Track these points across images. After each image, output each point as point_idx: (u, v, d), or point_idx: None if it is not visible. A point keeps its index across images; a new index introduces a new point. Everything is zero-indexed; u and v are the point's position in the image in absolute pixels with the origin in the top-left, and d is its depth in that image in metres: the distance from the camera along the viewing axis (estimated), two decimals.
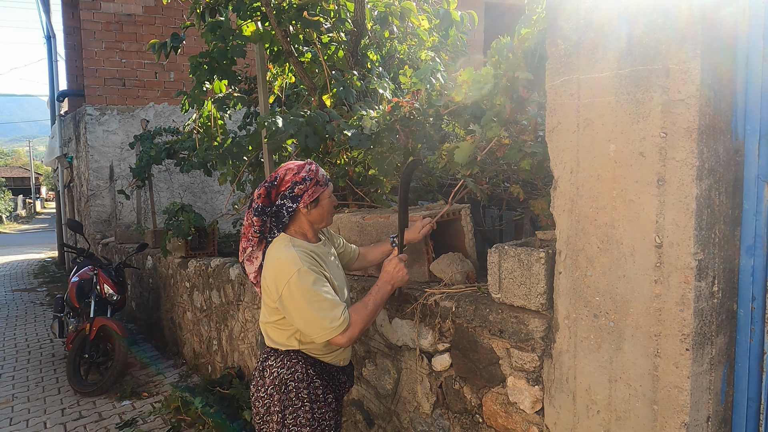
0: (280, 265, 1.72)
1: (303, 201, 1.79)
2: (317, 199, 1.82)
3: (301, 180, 1.79)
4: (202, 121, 3.93)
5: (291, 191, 1.79)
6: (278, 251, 1.76)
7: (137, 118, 8.13)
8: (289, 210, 1.80)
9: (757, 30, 1.28)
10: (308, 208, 1.81)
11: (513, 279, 1.71)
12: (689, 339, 1.27)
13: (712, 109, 1.26)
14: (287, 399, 1.78)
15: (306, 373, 1.81)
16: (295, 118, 2.49)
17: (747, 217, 1.35)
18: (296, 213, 1.82)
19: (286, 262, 1.71)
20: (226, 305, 3.96)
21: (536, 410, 1.66)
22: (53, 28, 11.05)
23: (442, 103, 2.06)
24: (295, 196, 1.79)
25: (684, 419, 1.29)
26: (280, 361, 1.82)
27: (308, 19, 3.02)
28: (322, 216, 1.85)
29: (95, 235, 8.05)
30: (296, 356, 1.82)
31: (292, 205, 1.79)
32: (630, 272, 1.36)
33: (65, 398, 4.27)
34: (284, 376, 1.79)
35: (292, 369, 1.80)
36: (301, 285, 1.67)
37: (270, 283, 1.75)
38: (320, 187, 1.82)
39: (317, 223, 1.87)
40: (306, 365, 1.81)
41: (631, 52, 1.32)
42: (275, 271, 1.73)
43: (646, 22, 1.29)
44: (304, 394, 1.78)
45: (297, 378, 1.79)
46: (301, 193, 1.79)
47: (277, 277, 1.71)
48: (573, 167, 1.49)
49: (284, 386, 1.79)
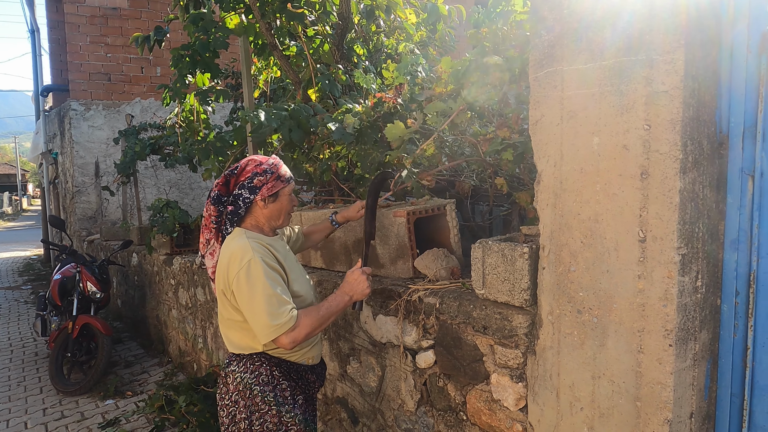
0: (231, 255, 1.65)
1: (261, 193, 1.73)
2: (276, 194, 1.75)
3: (261, 171, 1.73)
4: (185, 115, 3.86)
5: (250, 182, 1.72)
6: (231, 243, 1.70)
7: (123, 114, 8.01)
8: (246, 201, 1.73)
9: (741, 22, 1.26)
10: (266, 201, 1.74)
11: (497, 275, 1.69)
12: (672, 335, 1.25)
13: (696, 101, 1.24)
14: (253, 404, 1.70)
15: (271, 375, 1.73)
16: (279, 112, 2.44)
17: (731, 211, 1.33)
18: (253, 206, 1.75)
19: (238, 252, 1.64)
20: (211, 302, 3.91)
21: (520, 407, 1.64)
22: (37, 22, 10.86)
23: (424, 98, 2.03)
24: (253, 187, 1.72)
25: (667, 416, 1.27)
26: (243, 365, 1.73)
27: (293, 12, 2.97)
28: (279, 212, 1.78)
29: (80, 232, 7.93)
30: (259, 359, 1.74)
31: (249, 196, 1.72)
32: (613, 267, 1.34)
33: (47, 398, 4.20)
34: (248, 380, 1.71)
35: (256, 372, 1.72)
36: (251, 275, 1.60)
37: (220, 275, 1.69)
38: (281, 183, 1.76)
39: (274, 220, 1.79)
40: (270, 367, 1.74)
41: (615, 43, 1.30)
42: (226, 264, 1.66)
43: (629, 12, 1.27)
44: (270, 398, 1.71)
45: (262, 381, 1.71)
46: (260, 185, 1.72)
47: (229, 269, 1.64)
48: (557, 161, 1.46)
49: (249, 391, 1.71)
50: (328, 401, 2.63)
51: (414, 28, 3.59)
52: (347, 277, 1.80)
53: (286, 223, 1.84)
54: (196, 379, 3.80)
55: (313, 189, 3.24)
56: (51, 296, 4.89)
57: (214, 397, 3.48)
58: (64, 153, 8.79)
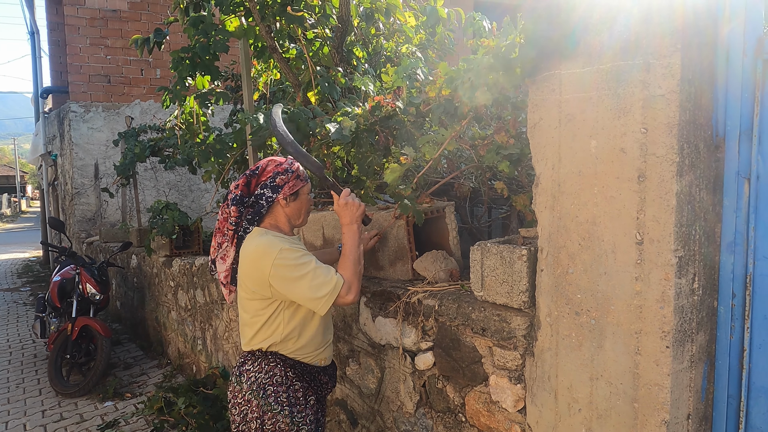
0: (258, 251, 1.69)
1: (283, 192, 1.77)
2: (297, 192, 1.80)
3: (283, 171, 1.78)
4: (184, 118, 3.87)
5: (272, 180, 1.77)
6: (254, 241, 1.73)
7: (123, 116, 8.02)
8: (269, 200, 1.77)
9: (738, 25, 1.27)
10: (287, 200, 1.78)
11: (495, 277, 1.69)
12: (669, 336, 1.26)
13: (693, 105, 1.25)
14: (266, 404, 1.73)
15: (285, 375, 1.76)
16: None
17: (727, 214, 1.34)
18: (274, 204, 1.79)
19: (266, 247, 1.68)
20: (210, 304, 3.91)
21: (518, 409, 1.64)
22: (37, 24, 10.87)
23: (421, 100, 2.03)
24: (275, 186, 1.77)
25: (664, 417, 1.28)
26: (258, 365, 1.77)
27: (292, 15, 2.98)
28: (299, 211, 1.83)
29: (80, 234, 7.93)
30: (275, 359, 1.77)
31: (272, 195, 1.76)
32: (611, 269, 1.35)
33: (46, 399, 4.19)
34: (262, 380, 1.75)
35: (271, 372, 1.75)
36: (288, 261, 1.65)
37: (251, 273, 1.71)
38: (300, 181, 1.81)
39: (294, 219, 1.83)
40: (285, 367, 1.77)
41: (612, 47, 1.31)
42: (256, 260, 1.69)
43: (626, 16, 1.28)
44: (284, 398, 1.74)
45: (276, 382, 1.75)
46: (282, 183, 1.77)
47: (261, 263, 1.67)
48: (555, 163, 1.47)
49: (262, 391, 1.74)
50: (327, 403, 2.63)
51: (413, 31, 3.60)
52: (338, 211, 1.82)
53: (305, 221, 1.88)
54: (196, 381, 3.80)
55: (312, 191, 3.25)
56: (50, 298, 4.89)
57: (214, 398, 3.48)
58: (63, 155, 8.79)
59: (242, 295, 1.80)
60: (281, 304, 1.74)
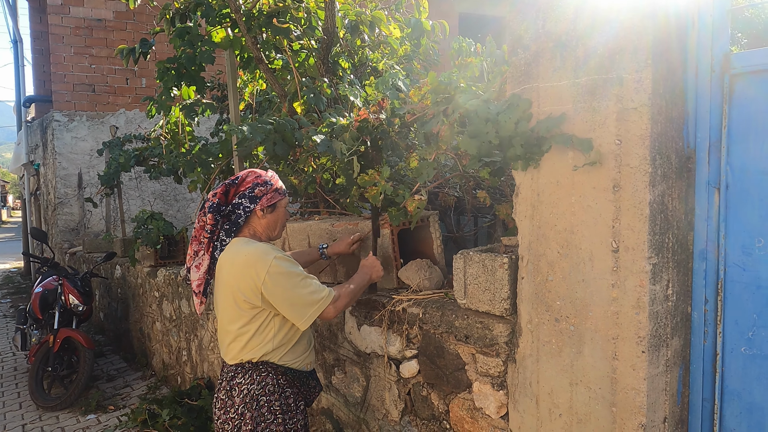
0: (250, 259, 1.69)
1: (261, 203, 1.79)
2: (275, 205, 1.82)
3: (262, 182, 1.80)
4: (170, 128, 3.86)
5: (251, 191, 1.78)
6: (243, 249, 1.73)
7: (107, 125, 7.96)
8: (246, 210, 1.78)
9: (705, 41, 1.33)
10: (264, 211, 1.80)
11: (478, 285, 1.73)
12: (645, 341, 1.30)
13: (664, 118, 1.30)
14: (259, 415, 1.73)
15: (277, 384, 1.76)
16: (263, 125, 2.47)
17: (699, 222, 1.39)
18: (252, 215, 1.80)
19: (259, 254, 1.70)
20: (196, 315, 3.89)
21: (501, 415, 1.67)
22: (20, 33, 10.77)
23: (405, 111, 2.07)
24: (254, 197, 1.78)
25: (641, 420, 1.32)
26: (249, 377, 1.76)
27: (278, 27, 3.01)
28: (276, 223, 1.84)
29: (62, 245, 7.82)
30: (266, 368, 1.77)
31: (249, 205, 1.78)
32: (589, 276, 1.39)
33: (27, 413, 4.11)
34: (255, 392, 1.74)
35: (263, 383, 1.75)
36: (282, 269, 1.68)
37: (240, 280, 1.70)
38: (278, 195, 1.84)
39: (270, 230, 1.85)
40: (276, 375, 1.77)
41: (587, 62, 1.36)
42: (248, 267, 1.69)
43: (600, 33, 1.33)
44: (276, 407, 1.74)
45: (268, 391, 1.75)
46: (261, 195, 1.79)
47: (255, 270, 1.68)
48: (534, 173, 1.51)
49: (256, 402, 1.73)
50: (312, 412, 2.63)
51: (398, 42, 3.65)
52: (364, 263, 2.01)
53: (280, 234, 1.90)
54: (180, 392, 3.76)
55: (298, 201, 3.26)
56: (31, 309, 4.81)
57: (199, 410, 3.45)
58: (46, 164, 8.69)
59: (226, 306, 1.78)
60: (270, 314, 1.74)
